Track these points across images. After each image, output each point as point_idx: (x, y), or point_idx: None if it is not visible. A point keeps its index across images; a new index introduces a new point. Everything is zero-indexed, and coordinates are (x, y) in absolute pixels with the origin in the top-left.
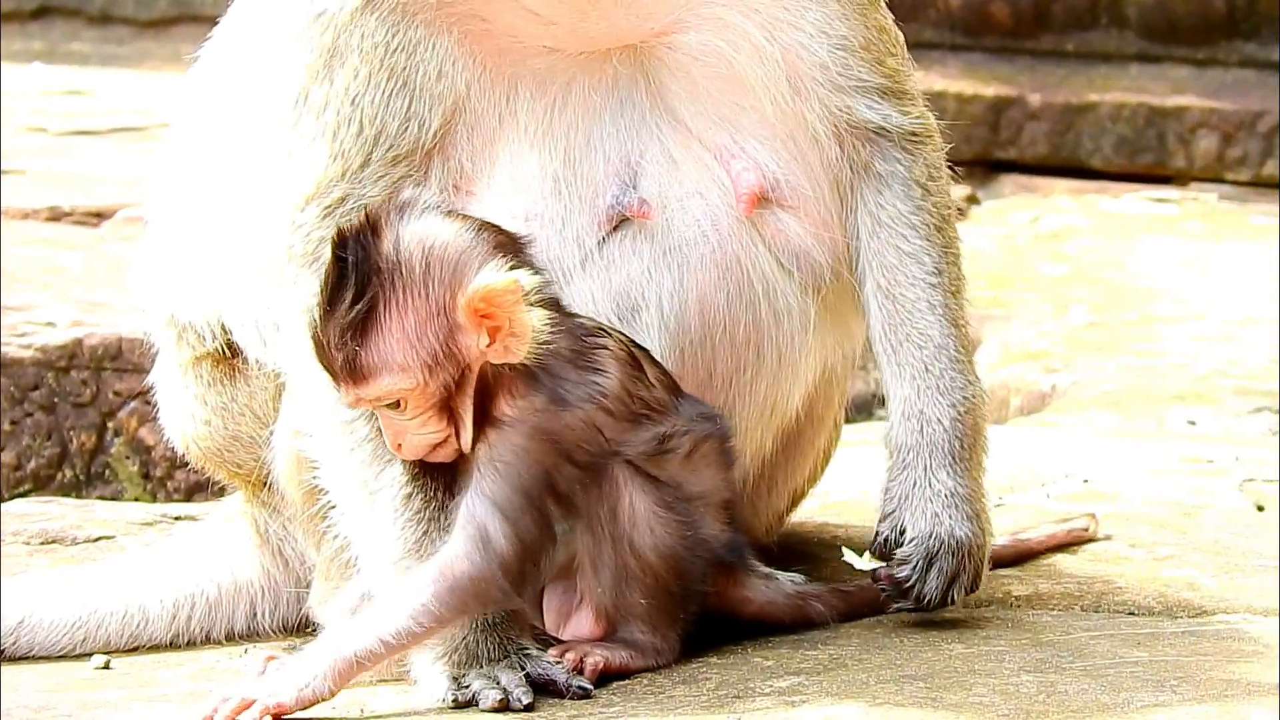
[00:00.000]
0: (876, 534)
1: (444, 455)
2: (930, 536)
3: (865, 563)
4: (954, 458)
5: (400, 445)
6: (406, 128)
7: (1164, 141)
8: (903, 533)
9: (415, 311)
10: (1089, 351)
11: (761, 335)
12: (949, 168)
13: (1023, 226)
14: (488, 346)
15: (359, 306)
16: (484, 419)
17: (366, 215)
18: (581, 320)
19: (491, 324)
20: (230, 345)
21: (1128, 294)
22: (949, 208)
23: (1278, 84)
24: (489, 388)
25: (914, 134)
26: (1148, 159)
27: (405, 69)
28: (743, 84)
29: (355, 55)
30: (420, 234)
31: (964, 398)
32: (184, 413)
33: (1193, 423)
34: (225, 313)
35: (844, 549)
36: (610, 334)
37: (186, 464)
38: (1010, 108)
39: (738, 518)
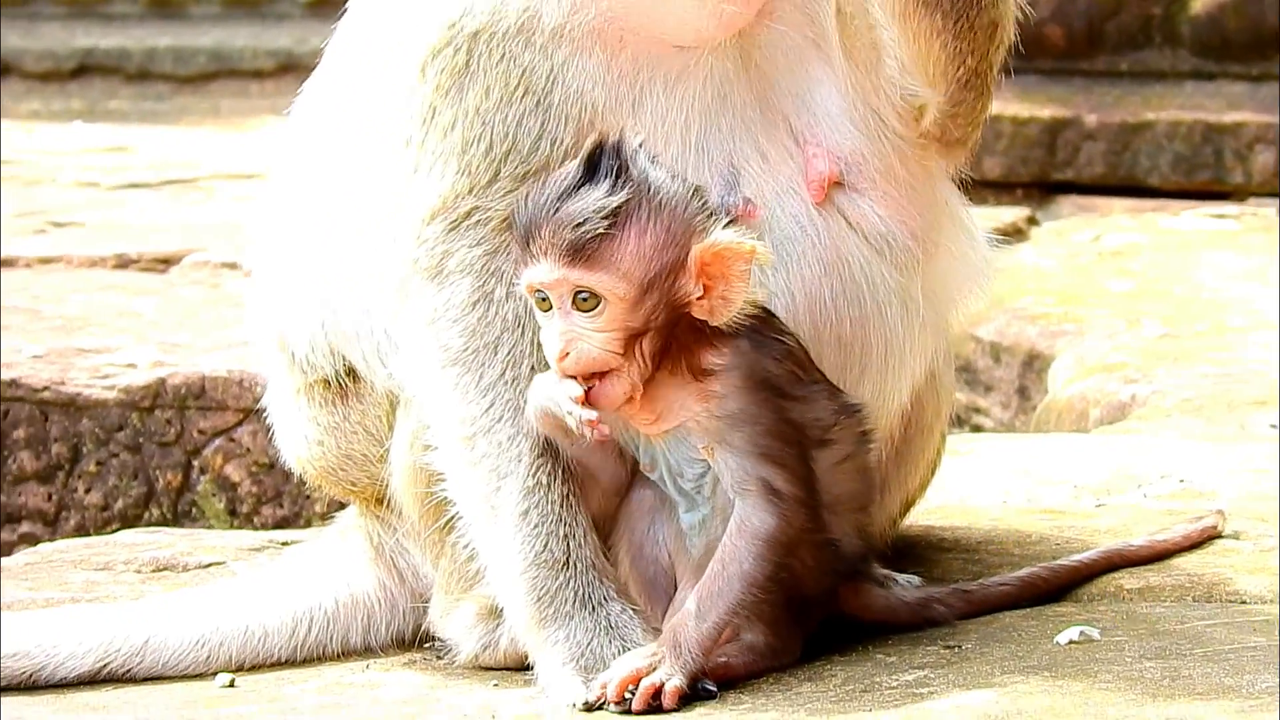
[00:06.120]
0: None
1: (608, 391)
2: None
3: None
4: None
5: (567, 355)
6: (539, 146)
7: (1221, 158)
8: None
9: (655, 234)
10: (1165, 362)
11: (867, 329)
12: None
13: (1085, 245)
14: (698, 299)
15: (616, 197)
16: (691, 373)
17: (620, 138)
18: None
19: (709, 280)
20: (346, 371)
21: (1197, 306)
22: None
23: None
24: (687, 344)
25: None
26: (1205, 175)
27: (545, 89)
28: (818, 60)
29: (489, 75)
30: (671, 174)
31: None
32: (297, 434)
33: (1275, 426)
34: (337, 335)
35: None
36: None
37: (274, 498)
38: (1066, 129)
39: (869, 531)
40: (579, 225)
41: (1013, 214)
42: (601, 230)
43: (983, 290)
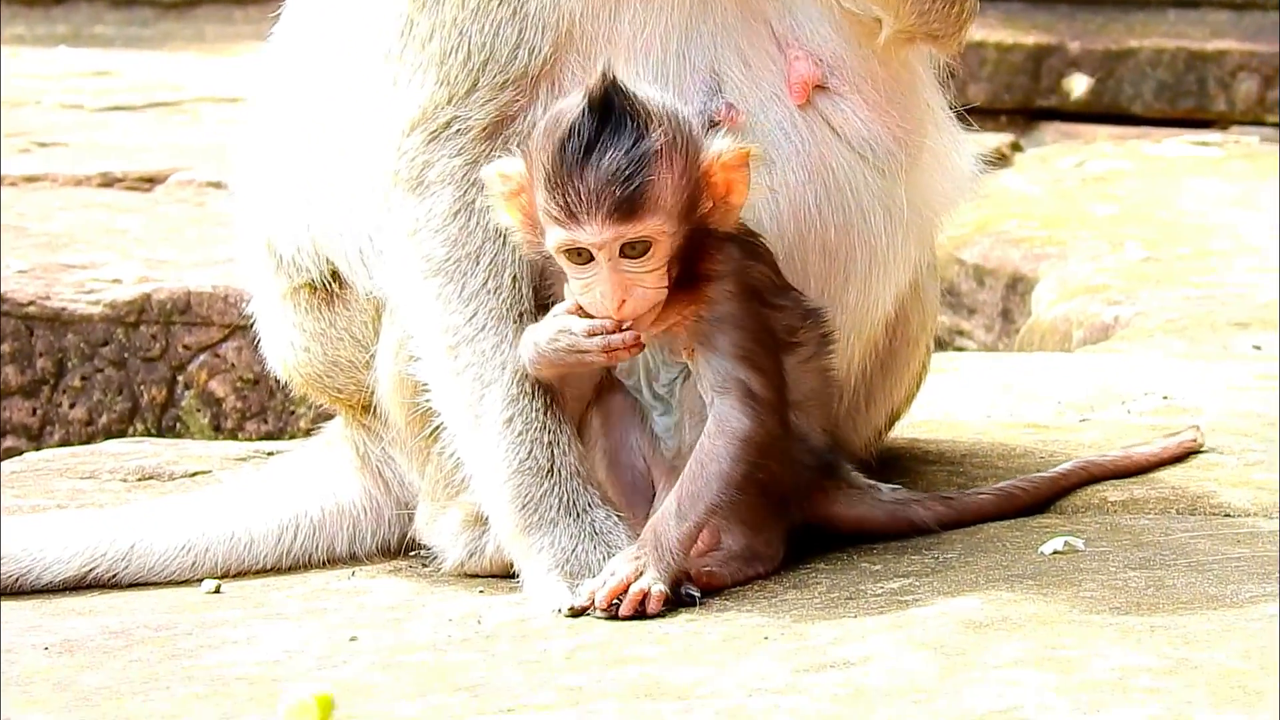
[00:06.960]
0: None
1: (648, 321)
2: None
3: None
4: None
5: (624, 302)
6: (516, 55)
7: (1204, 86)
8: None
9: (678, 162)
10: (1148, 284)
11: (851, 236)
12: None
13: (1068, 171)
14: (710, 209)
15: (645, 144)
16: (692, 279)
17: (604, 73)
18: None
19: (717, 189)
20: (331, 274)
21: (1180, 230)
22: None
23: None
24: (689, 254)
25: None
26: (1188, 103)
27: None
28: None
29: None
30: (657, 94)
31: None
32: (283, 341)
33: (1258, 347)
34: (324, 241)
35: None
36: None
37: (258, 414)
38: (1050, 56)
39: (833, 429)
40: (624, 182)
41: (997, 140)
42: (641, 181)
43: (967, 197)
